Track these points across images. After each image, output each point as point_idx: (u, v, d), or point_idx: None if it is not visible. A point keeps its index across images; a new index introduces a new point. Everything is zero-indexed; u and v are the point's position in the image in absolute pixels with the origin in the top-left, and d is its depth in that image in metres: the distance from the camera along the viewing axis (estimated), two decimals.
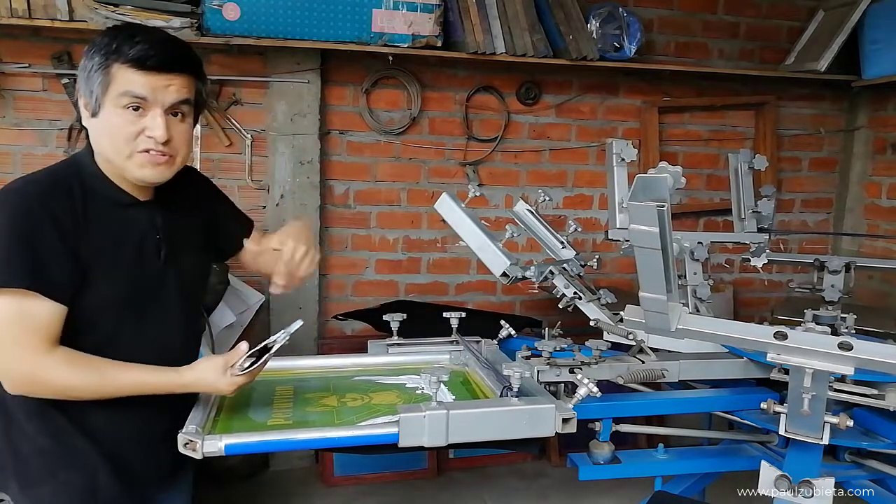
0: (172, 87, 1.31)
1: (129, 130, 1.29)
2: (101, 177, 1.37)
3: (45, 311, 1.27)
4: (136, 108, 1.29)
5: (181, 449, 1.29)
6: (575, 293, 2.24)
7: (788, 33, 3.76)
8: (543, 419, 1.40)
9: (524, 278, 2.13)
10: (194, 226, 1.55)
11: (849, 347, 1.41)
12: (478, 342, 2.02)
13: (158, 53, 1.28)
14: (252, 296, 3.12)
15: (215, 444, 1.29)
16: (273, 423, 1.46)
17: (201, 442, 1.28)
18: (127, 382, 1.33)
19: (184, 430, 1.31)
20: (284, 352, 1.52)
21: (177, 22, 2.68)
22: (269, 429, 1.43)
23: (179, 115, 1.35)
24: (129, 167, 1.33)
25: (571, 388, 1.84)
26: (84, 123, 1.34)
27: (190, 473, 1.68)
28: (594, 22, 3.22)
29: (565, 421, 1.41)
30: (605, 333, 2.09)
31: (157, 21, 2.65)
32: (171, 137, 1.33)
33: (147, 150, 1.31)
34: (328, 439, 1.36)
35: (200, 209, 1.58)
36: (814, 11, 3.68)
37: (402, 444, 1.35)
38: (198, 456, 1.28)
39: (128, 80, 1.27)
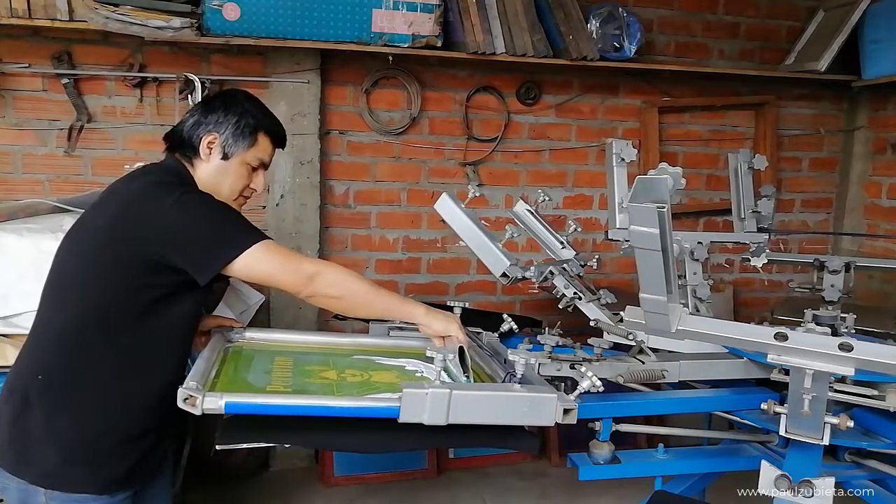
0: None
1: (244, 182, 1.66)
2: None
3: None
4: (255, 168, 1.67)
5: (180, 404, 1.27)
6: (575, 293, 2.24)
7: (788, 33, 3.76)
8: (544, 408, 1.39)
9: (524, 278, 2.13)
10: None
11: (849, 348, 1.41)
12: (479, 333, 2.02)
13: (285, 137, 1.74)
14: (252, 296, 3.11)
15: (216, 402, 1.27)
16: (272, 390, 1.45)
17: (202, 398, 1.26)
18: (387, 301, 1.61)
19: (184, 386, 1.29)
20: (286, 326, 1.63)
21: (177, 22, 2.68)
22: (269, 393, 1.42)
23: None
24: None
25: (571, 385, 1.84)
26: (203, 156, 1.61)
27: (170, 464, 1.76)
28: (594, 22, 3.22)
29: (566, 412, 1.40)
30: (605, 334, 2.09)
31: (157, 21, 2.64)
32: None
33: (245, 197, 1.70)
34: (330, 407, 1.33)
35: None
36: (814, 11, 3.68)
37: (402, 420, 1.33)
38: (197, 412, 1.26)
39: (266, 149, 1.68)
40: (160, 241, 1.44)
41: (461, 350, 1.60)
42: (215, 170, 1.62)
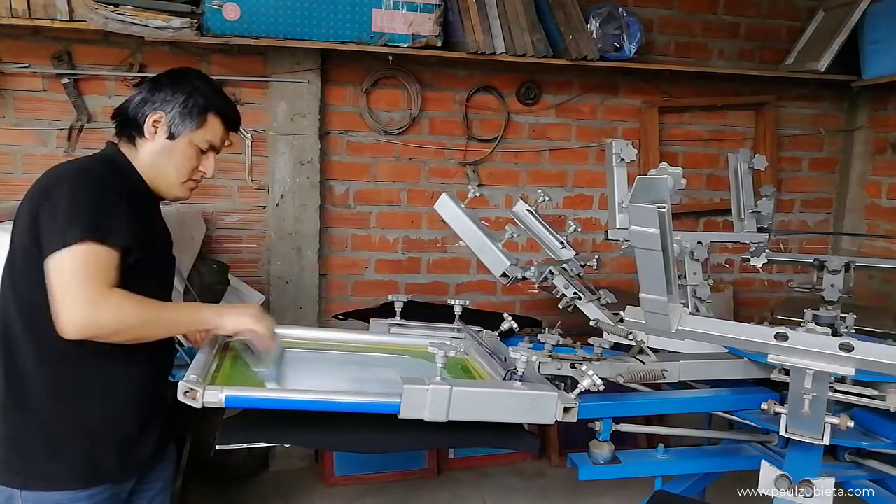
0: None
1: (192, 164, 1.58)
2: (138, 176, 1.56)
3: (104, 257, 1.36)
4: (205, 151, 1.58)
5: (181, 397, 1.26)
6: (575, 293, 2.24)
7: (788, 33, 3.76)
8: (545, 405, 1.40)
9: (524, 278, 2.13)
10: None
11: (849, 348, 1.41)
12: (479, 332, 2.02)
13: (239, 120, 1.66)
14: (252, 296, 3.11)
15: (216, 395, 1.27)
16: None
17: (202, 391, 1.26)
18: (173, 318, 1.47)
19: (185, 379, 1.28)
20: (288, 323, 1.62)
21: (177, 22, 2.68)
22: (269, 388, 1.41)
23: None
24: (176, 188, 1.59)
25: (571, 384, 1.84)
26: (148, 135, 1.53)
27: (171, 465, 1.72)
28: (594, 22, 3.22)
29: (566, 410, 1.40)
30: (605, 333, 2.09)
31: (157, 21, 2.64)
32: None
33: (195, 181, 1.61)
34: (330, 402, 1.33)
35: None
36: (814, 11, 3.68)
37: (402, 416, 1.33)
38: (197, 405, 1.26)
39: (216, 132, 1.59)
40: (38, 221, 1.38)
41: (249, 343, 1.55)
42: (160, 150, 1.54)
